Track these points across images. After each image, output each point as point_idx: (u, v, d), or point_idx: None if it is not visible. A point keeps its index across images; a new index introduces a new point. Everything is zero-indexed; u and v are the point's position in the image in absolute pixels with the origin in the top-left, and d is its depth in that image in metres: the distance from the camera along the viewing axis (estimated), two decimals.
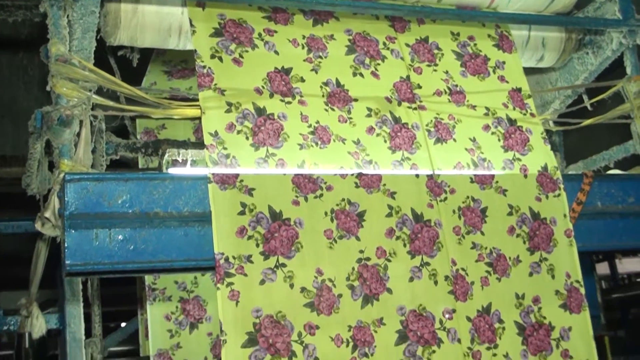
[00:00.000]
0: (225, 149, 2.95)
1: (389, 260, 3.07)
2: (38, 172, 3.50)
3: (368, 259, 3.04)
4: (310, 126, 3.15)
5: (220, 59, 3.14)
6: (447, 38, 3.67)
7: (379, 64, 3.45)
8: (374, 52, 3.47)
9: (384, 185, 3.16)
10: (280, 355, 2.77)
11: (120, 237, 2.73)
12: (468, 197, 3.29)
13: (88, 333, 4.44)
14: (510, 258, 3.28)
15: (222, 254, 2.80)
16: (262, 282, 2.84)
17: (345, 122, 3.24)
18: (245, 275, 2.81)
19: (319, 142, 3.13)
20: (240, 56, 3.18)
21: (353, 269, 3.00)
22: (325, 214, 3.02)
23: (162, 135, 5.07)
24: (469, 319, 3.12)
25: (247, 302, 2.79)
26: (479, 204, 3.31)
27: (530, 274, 3.30)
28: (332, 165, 3.11)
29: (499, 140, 3.48)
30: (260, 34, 3.27)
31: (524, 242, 3.32)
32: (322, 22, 3.45)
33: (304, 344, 2.82)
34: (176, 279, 4.87)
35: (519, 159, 3.47)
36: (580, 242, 3.42)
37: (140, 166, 4.88)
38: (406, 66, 3.51)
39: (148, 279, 4.84)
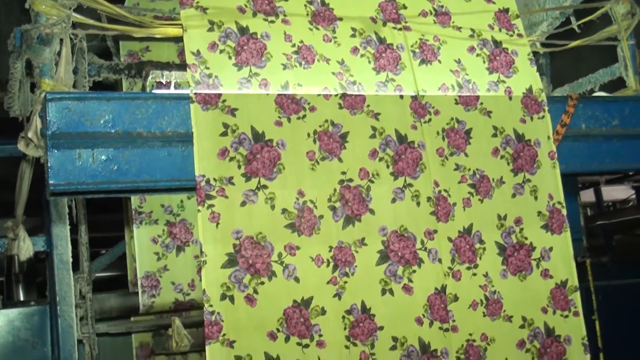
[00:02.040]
0: (207, 68, 2.90)
1: (372, 182, 3.07)
2: (20, 94, 3.46)
3: (350, 180, 3.04)
4: (294, 46, 3.10)
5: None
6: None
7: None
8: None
9: (368, 106, 3.14)
10: (260, 275, 2.80)
11: (103, 157, 2.72)
12: (452, 118, 3.28)
13: (75, 259, 4.47)
14: (493, 179, 3.29)
15: (203, 176, 2.80)
16: (243, 203, 2.84)
17: (330, 41, 3.19)
18: (226, 197, 2.82)
19: (303, 62, 3.08)
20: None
21: (335, 190, 3.00)
22: (308, 135, 3.00)
23: (145, 57, 5.01)
24: (449, 239, 3.15)
25: (228, 224, 2.80)
26: (464, 125, 3.29)
27: (513, 195, 3.32)
28: (315, 87, 3.07)
29: (484, 62, 3.45)
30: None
31: (508, 164, 3.33)
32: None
33: (283, 264, 2.85)
34: (162, 202, 4.89)
35: (504, 81, 3.44)
36: (564, 164, 3.43)
37: (124, 89, 4.84)
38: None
39: (134, 202, 4.87)
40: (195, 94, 2.84)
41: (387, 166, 3.11)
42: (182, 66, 4.03)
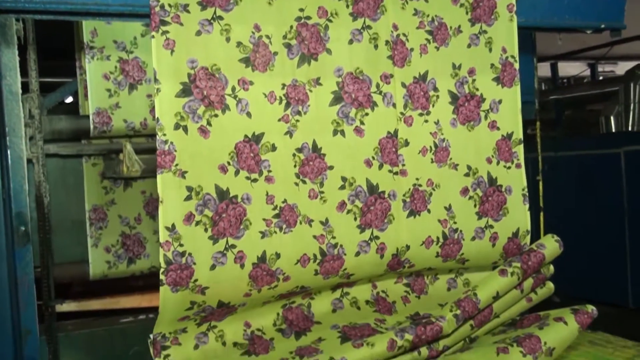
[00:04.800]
0: (181, 245, 2.58)
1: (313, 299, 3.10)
2: None
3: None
4: (275, 208, 2.76)
5: (185, 128, 2.58)
6: (447, 74, 3.14)
7: (366, 115, 2.92)
8: (363, 99, 2.91)
9: (344, 270, 2.92)
10: None
11: None
12: (427, 268, 3.23)
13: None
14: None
15: (160, 333, 2.70)
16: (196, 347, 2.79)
17: (316, 197, 2.84)
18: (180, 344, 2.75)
19: (284, 226, 2.77)
20: (209, 124, 2.64)
21: None
22: (273, 297, 2.88)
23: None
24: None
25: None
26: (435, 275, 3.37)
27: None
28: (294, 255, 2.80)
29: (475, 205, 3.19)
30: (234, 88, 2.68)
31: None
32: (311, 58, 2.84)
33: None
34: (115, 38, 4.77)
35: (492, 226, 3.22)
36: (523, 17, 3.35)
37: None
38: (397, 116, 3.00)
39: (86, 36, 4.73)
40: (166, 276, 2.57)
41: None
42: None
